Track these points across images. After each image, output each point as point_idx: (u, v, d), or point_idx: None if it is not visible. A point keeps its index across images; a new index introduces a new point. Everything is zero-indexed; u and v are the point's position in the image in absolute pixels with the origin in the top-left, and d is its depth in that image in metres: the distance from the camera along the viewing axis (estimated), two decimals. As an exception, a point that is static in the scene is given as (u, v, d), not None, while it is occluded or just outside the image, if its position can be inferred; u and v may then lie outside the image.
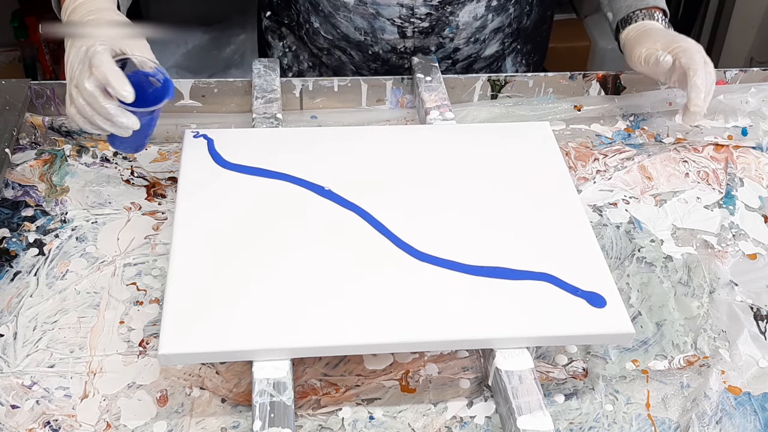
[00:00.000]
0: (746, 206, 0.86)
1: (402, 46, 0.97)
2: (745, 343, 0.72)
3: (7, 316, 0.71)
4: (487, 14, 0.96)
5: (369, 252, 0.69)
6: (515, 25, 1.01)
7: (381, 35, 0.96)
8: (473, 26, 0.97)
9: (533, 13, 1.03)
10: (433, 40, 0.97)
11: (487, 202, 0.75)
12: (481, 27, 0.97)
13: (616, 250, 0.80)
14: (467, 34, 0.97)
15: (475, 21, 0.96)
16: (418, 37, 0.96)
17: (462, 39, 0.98)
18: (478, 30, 0.97)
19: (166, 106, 0.91)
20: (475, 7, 0.95)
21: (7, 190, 0.82)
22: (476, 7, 0.95)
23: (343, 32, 0.98)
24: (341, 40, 0.99)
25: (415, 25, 0.94)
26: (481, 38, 0.98)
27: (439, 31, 0.96)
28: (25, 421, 0.64)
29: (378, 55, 0.98)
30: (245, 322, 0.63)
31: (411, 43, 0.97)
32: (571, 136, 0.94)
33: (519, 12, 1.00)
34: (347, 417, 0.65)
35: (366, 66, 1.01)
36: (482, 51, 1.00)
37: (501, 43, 1.01)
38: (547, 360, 0.70)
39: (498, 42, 1.00)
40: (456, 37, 0.97)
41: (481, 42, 0.99)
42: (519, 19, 1.00)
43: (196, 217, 0.71)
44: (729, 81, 0.99)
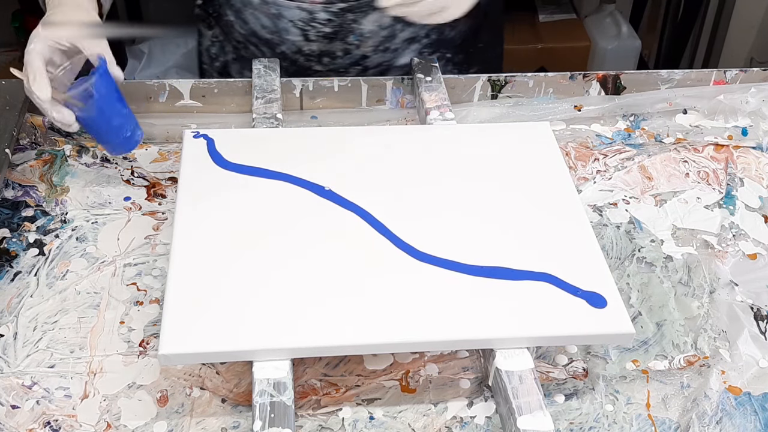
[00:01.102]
0: (746, 206, 0.86)
1: (307, 49, 0.95)
2: (746, 343, 0.72)
3: (7, 316, 0.71)
4: (395, 24, 0.94)
5: (369, 252, 0.69)
6: (435, 36, 0.98)
7: (286, 36, 0.94)
8: (380, 35, 0.95)
9: (459, 24, 0.99)
10: (338, 45, 0.95)
11: (488, 202, 0.75)
12: (390, 36, 0.95)
13: (617, 250, 0.80)
14: (375, 43, 0.95)
15: (381, 30, 0.94)
16: (322, 41, 0.94)
17: (369, 47, 0.95)
18: (387, 39, 0.95)
19: (167, 107, 0.92)
20: (381, 16, 0.92)
21: (8, 191, 0.82)
22: (381, 16, 0.92)
23: (252, 28, 0.96)
24: (252, 35, 0.97)
25: (317, 29, 0.93)
26: (391, 47, 0.96)
27: (343, 38, 0.94)
28: (26, 421, 0.64)
29: (286, 55, 0.97)
30: (245, 322, 0.63)
31: (316, 46, 0.95)
32: (571, 136, 0.94)
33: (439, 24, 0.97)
34: (347, 417, 0.65)
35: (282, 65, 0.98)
36: (395, 60, 0.98)
37: (418, 53, 0.98)
38: (548, 360, 0.70)
39: (414, 52, 0.98)
40: (362, 44, 0.95)
41: (393, 51, 0.97)
42: (439, 30, 0.98)
43: (196, 217, 0.71)
44: (729, 81, 0.99)
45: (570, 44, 1.96)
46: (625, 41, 1.97)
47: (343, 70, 0.98)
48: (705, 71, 0.99)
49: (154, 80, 0.91)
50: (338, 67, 0.97)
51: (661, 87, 0.98)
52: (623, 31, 1.97)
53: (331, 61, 0.97)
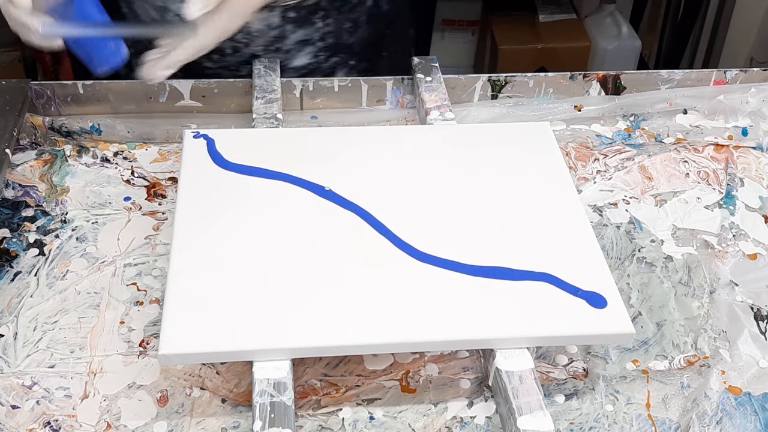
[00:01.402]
0: (746, 206, 0.86)
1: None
2: (746, 343, 0.72)
3: (7, 317, 0.71)
4: (284, 25, 0.93)
5: (369, 252, 0.69)
6: (331, 40, 0.97)
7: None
8: (270, 35, 0.94)
9: (360, 30, 0.99)
10: (227, 42, 0.92)
11: (488, 202, 0.75)
12: (280, 36, 0.94)
13: (617, 251, 0.80)
14: (264, 42, 0.94)
15: (270, 30, 0.93)
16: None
17: (258, 46, 0.94)
18: (277, 39, 0.94)
19: (167, 107, 0.92)
20: (268, 15, 0.91)
21: (8, 191, 0.82)
22: (269, 15, 0.91)
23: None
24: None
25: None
26: (283, 48, 0.95)
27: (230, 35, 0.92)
28: (26, 421, 0.64)
29: None
30: (245, 322, 0.63)
31: None
32: (571, 136, 0.94)
33: (335, 27, 0.97)
34: (347, 417, 0.65)
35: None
36: (288, 62, 0.97)
37: (313, 56, 0.97)
38: (548, 360, 0.70)
39: (309, 54, 0.97)
40: (251, 43, 0.94)
41: (285, 52, 0.96)
42: (336, 34, 0.97)
43: (196, 218, 0.71)
44: (729, 81, 0.99)
45: (570, 44, 1.96)
46: (625, 41, 1.97)
47: (234, 68, 0.97)
48: (705, 71, 0.99)
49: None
50: (229, 64, 0.96)
51: (661, 87, 0.98)
52: (623, 31, 1.98)
53: (221, 58, 0.96)
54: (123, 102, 0.92)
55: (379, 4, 1.01)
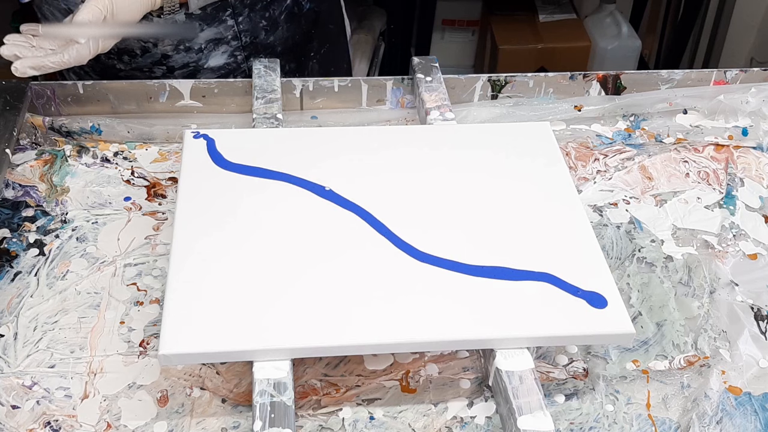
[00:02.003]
0: (747, 206, 0.86)
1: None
2: (746, 343, 0.72)
3: (7, 317, 0.71)
4: (191, 23, 0.92)
5: (369, 252, 0.69)
6: (247, 39, 0.96)
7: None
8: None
9: (280, 30, 0.98)
10: (135, 43, 0.92)
11: (488, 203, 0.75)
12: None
13: (617, 250, 0.80)
14: (172, 41, 0.93)
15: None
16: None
17: (168, 45, 0.93)
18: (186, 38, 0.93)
19: (167, 107, 0.92)
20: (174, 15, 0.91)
21: (8, 191, 0.82)
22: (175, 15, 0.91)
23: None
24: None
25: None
26: (194, 47, 0.94)
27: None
28: (26, 421, 0.64)
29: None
30: (245, 322, 0.63)
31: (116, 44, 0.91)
32: (572, 136, 0.94)
33: (249, 26, 0.95)
34: (347, 417, 0.65)
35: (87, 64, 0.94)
36: (203, 61, 0.96)
37: (230, 55, 0.96)
38: (548, 360, 0.70)
39: (224, 54, 0.96)
40: (159, 42, 0.93)
41: (197, 51, 0.95)
42: (252, 33, 0.96)
43: (197, 218, 0.71)
44: (729, 81, 0.99)
45: (570, 44, 1.96)
46: (625, 41, 1.97)
47: (147, 69, 0.96)
48: (705, 71, 0.99)
49: (154, 80, 0.91)
50: (141, 65, 0.95)
51: (661, 87, 0.98)
52: (623, 31, 1.97)
53: (132, 60, 0.95)
54: (123, 102, 0.92)
55: (300, 3, 1.00)
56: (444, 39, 2.14)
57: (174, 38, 0.93)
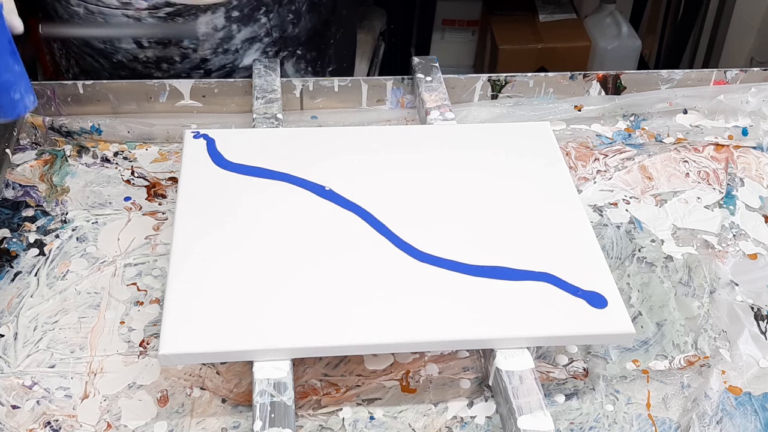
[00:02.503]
0: (747, 206, 0.86)
1: (143, 56, 0.94)
2: (746, 343, 0.72)
3: (7, 317, 0.71)
4: (230, 25, 0.93)
5: (369, 252, 0.69)
6: (277, 35, 0.97)
7: (118, 44, 0.93)
8: (216, 37, 0.93)
9: (303, 21, 0.99)
10: (175, 51, 0.93)
11: (488, 202, 0.75)
12: (227, 38, 0.94)
13: (617, 250, 0.80)
14: (212, 45, 0.94)
15: (216, 32, 0.93)
16: (156, 47, 0.93)
17: (207, 50, 0.94)
18: (225, 40, 0.94)
19: (167, 107, 0.92)
20: (212, 17, 0.91)
21: (8, 191, 0.82)
22: (213, 17, 0.91)
23: (83, 39, 0.94)
24: (85, 46, 0.95)
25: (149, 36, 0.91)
26: (231, 49, 0.95)
27: (177, 42, 0.92)
28: (26, 421, 0.64)
29: (123, 64, 0.95)
30: (245, 322, 0.63)
31: (151, 53, 0.93)
32: (572, 136, 0.94)
33: (279, 21, 0.96)
34: (348, 417, 0.65)
35: (116, 73, 0.97)
36: (239, 61, 0.97)
37: (262, 52, 0.97)
38: (548, 360, 0.70)
39: (258, 51, 0.97)
40: (199, 47, 0.93)
41: (234, 52, 0.95)
42: (281, 28, 0.97)
43: (197, 218, 0.71)
44: (729, 81, 0.99)
45: (570, 44, 1.96)
46: (625, 41, 1.97)
47: (185, 75, 0.97)
48: (705, 71, 0.99)
49: (154, 80, 0.91)
50: (179, 72, 0.96)
51: (661, 87, 0.98)
52: (623, 31, 1.97)
53: (171, 67, 0.96)
54: (123, 102, 0.92)
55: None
56: (444, 39, 2.14)
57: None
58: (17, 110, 0.72)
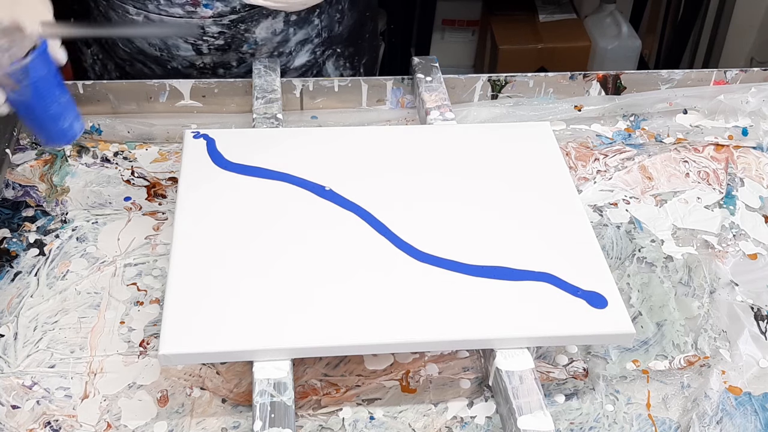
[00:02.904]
0: (747, 206, 0.86)
1: (200, 63, 0.94)
2: (746, 343, 0.72)
3: (7, 317, 0.71)
4: (287, 29, 0.94)
5: (369, 252, 0.69)
6: (325, 35, 0.98)
7: (176, 52, 0.93)
8: (274, 41, 0.94)
9: (345, 18, 1.00)
10: (233, 56, 0.94)
11: (488, 203, 0.75)
12: (283, 41, 0.95)
13: (617, 250, 0.80)
14: (269, 49, 0.94)
15: (275, 36, 0.94)
16: (215, 54, 0.93)
17: (264, 54, 0.95)
18: (281, 44, 0.95)
19: (167, 107, 0.92)
20: (273, 23, 0.92)
21: (8, 191, 0.82)
22: (273, 23, 0.92)
23: (138, 47, 0.95)
24: (138, 53, 0.95)
25: (210, 42, 0.91)
26: (285, 51, 0.96)
27: (236, 48, 0.93)
28: (26, 421, 0.64)
29: (178, 71, 0.95)
30: (245, 322, 0.63)
31: (209, 59, 0.94)
32: (572, 136, 0.94)
33: (328, 21, 0.97)
34: (348, 417, 0.65)
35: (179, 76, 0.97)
36: (290, 63, 0.97)
37: (311, 53, 0.98)
38: (548, 360, 0.70)
39: (308, 52, 0.97)
40: (257, 52, 0.94)
41: (287, 55, 0.96)
42: (329, 28, 0.98)
43: (197, 218, 0.71)
44: (729, 81, 0.99)
45: (570, 44, 1.96)
46: (625, 41, 1.97)
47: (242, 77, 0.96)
48: (705, 71, 0.99)
49: (155, 80, 0.91)
50: (234, 76, 0.96)
51: (661, 87, 0.98)
52: (623, 31, 1.97)
53: (227, 72, 0.96)
54: (123, 102, 0.92)
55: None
56: (444, 39, 2.14)
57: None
58: (66, 138, 0.73)
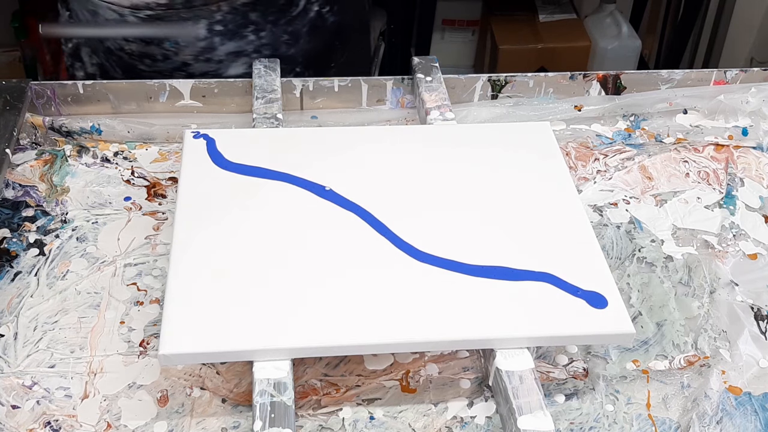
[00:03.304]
0: (747, 206, 0.86)
1: (128, 48, 0.94)
2: (746, 343, 0.72)
3: (7, 317, 0.71)
4: (211, 37, 0.93)
5: (369, 252, 0.69)
6: (268, 52, 0.96)
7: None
8: (198, 45, 0.94)
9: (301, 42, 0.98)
10: (156, 49, 0.93)
11: (488, 202, 0.75)
12: (209, 48, 0.94)
13: (617, 250, 0.80)
14: (192, 52, 0.94)
15: (197, 41, 0.93)
16: (139, 43, 0.93)
17: (188, 55, 0.94)
18: (207, 50, 0.94)
19: (167, 107, 0.92)
20: (193, 28, 0.91)
21: (8, 191, 0.82)
22: (194, 28, 0.91)
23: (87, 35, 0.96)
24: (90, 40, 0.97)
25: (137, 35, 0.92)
26: (214, 59, 0.95)
27: (158, 43, 0.92)
28: (26, 421, 0.64)
29: (111, 51, 0.95)
30: (245, 322, 0.63)
31: (135, 47, 0.93)
32: (572, 136, 0.94)
33: (271, 40, 0.96)
34: (348, 417, 0.65)
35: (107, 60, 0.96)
36: (222, 71, 0.96)
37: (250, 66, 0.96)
38: (548, 360, 0.70)
39: (244, 65, 0.96)
40: (179, 52, 0.94)
41: (217, 62, 0.95)
42: (273, 47, 0.96)
43: (197, 218, 0.71)
44: (729, 81, 0.99)
45: (570, 44, 1.96)
46: (625, 41, 1.97)
47: (168, 73, 0.97)
48: (705, 71, 0.99)
49: (155, 80, 0.91)
50: (161, 69, 0.96)
51: (661, 87, 0.98)
52: (623, 31, 1.97)
53: (153, 64, 0.96)
54: (123, 102, 0.92)
55: (323, 16, 1.00)
56: (444, 39, 2.14)
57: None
58: None
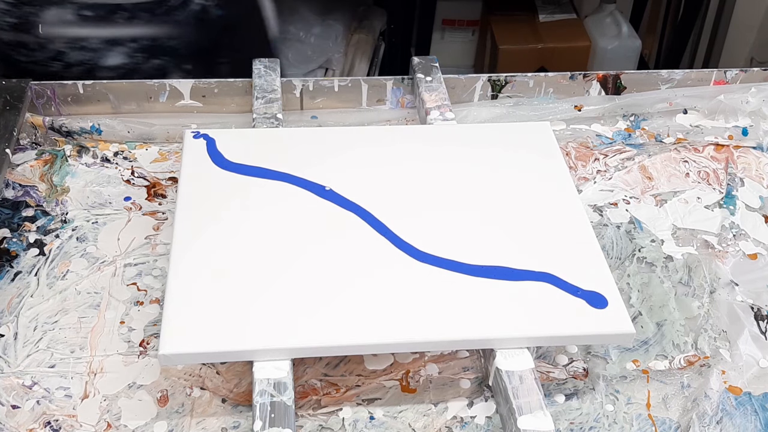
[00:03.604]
0: (747, 206, 0.86)
1: (6, 38, 0.93)
2: (746, 343, 0.72)
3: (7, 317, 0.71)
4: (80, 21, 0.92)
5: (369, 252, 0.69)
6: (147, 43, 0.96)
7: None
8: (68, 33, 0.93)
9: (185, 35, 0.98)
10: (29, 38, 0.92)
11: (488, 202, 0.75)
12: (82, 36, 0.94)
13: (617, 250, 0.80)
14: (65, 39, 0.93)
15: (66, 27, 0.93)
16: (12, 31, 0.92)
17: (61, 43, 0.94)
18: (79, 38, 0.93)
19: (167, 107, 0.92)
20: (60, 12, 0.91)
21: (8, 191, 0.82)
22: (63, 12, 0.91)
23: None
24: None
25: (2, 18, 0.91)
26: (89, 46, 0.94)
27: (29, 29, 0.92)
28: (26, 421, 0.64)
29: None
30: (245, 322, 0.63)
31: (12, 36, 0.93)
32: (572, 136, 0.94)
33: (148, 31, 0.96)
34: (348, 417, 0.65)
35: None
36: (99, 59, 0.95)
37: (129, 56, 0.96)
38: (548, 360, 0.70)
39: (122, 54, 0.96)
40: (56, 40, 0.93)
41: (92, 50, 0.95)
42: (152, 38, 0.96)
43: (197, 218, 0.71)
44: (729, 81, 0.99)
45: (570, 44, 1.96)
46: (625, 41, 1.97)
47: (44, 64, 0.96)
48: (705, 71, 0.99)
49: (155, 80, 0.91)
50: (38, 59, 0.95)
51: (661, 87, 0.98)
52: (623, 31, 1.97)
53: (30, 53, 0.95)
54: (123, 102, 0.92)
55: (208, 10, 1.00)
56: (444, 39, 2.14)
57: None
58: None
